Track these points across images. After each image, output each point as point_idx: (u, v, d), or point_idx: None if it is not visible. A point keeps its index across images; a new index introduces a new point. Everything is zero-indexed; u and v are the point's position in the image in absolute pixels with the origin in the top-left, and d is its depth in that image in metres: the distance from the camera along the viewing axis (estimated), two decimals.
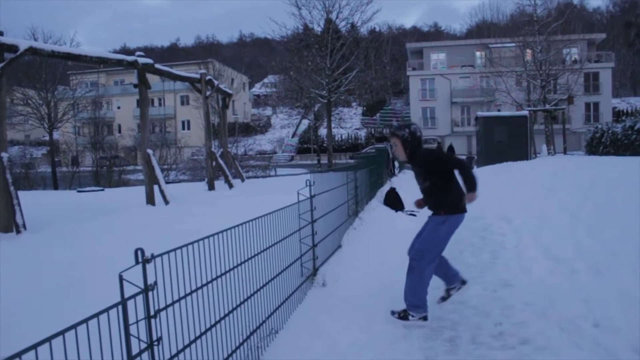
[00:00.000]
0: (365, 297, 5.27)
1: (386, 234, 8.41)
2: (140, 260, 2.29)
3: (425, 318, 4.63)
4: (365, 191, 10.15)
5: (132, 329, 2.27)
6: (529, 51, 34.03)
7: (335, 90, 28.14)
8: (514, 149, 21.93)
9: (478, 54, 50.81)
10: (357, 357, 3.95)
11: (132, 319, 2.28)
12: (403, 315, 4.65)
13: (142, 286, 2.34)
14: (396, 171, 17.93)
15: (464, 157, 33.62)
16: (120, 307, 2.22)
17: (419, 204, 5.01)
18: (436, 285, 5.75)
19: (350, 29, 31.36)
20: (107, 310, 2.13)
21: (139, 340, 2.32)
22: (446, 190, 4.71)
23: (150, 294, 2.39)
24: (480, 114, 25.39)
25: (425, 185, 4.80)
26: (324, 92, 27.90)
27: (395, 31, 79.91)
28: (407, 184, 15.45)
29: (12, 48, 9.67)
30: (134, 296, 2.30)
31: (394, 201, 10.71)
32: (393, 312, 4.71)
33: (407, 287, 4.67)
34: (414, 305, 4.61)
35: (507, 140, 22.69)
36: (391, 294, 5.44)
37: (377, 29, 62.67)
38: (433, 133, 49.83)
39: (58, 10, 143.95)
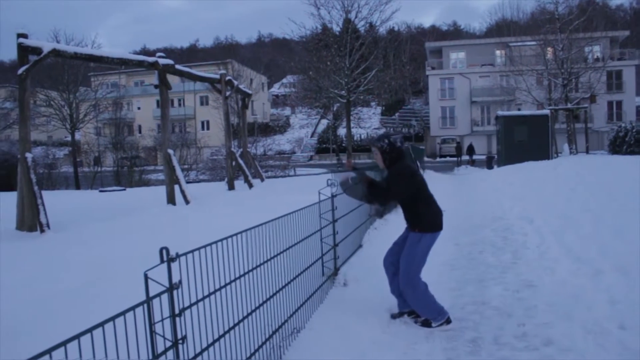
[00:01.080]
0: (386, 297, 5.24)
1: None
2: (165, 259, 2.30)
3: (448, 321, 4.58)
4: None
5: (157, 328, 2.28)
6: (550, 49, 33.64)
7: (355, 90, 28.07)
8: (535, 148, 21.70)
9: (498, 52, 50.38)
10: (379, 357, 3.94)
11: (154, 317, 2.29)
12: (424, 322, 4.61)
13: (167, 285, 2.36)
14: None
15: (483, 157, 33.38)
16: (145, 305, 2.24)
17: (349, 164, 4.99)
18: (453, 287, 5.73)
19: (369, 29, 31.26)
20: (133, 308, 2.14)
21: (164, 338, 2.34)
22: (416, 208, 4.66)
23: (174, 292, 2.41)
24: (500, 113, 25.17)
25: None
26: (343, 91, 27.86)
27: (414, 30, 79.68)
28: (427, 183, 15.38)
29: (36, 50, 9.81)
30: (159, 295, 2.31)
31: None
32: (416, 321, 4.66)
33: (415, 306, 4.63)
34: (432, 317, 4.58)
35: (528, 140, 22.47)
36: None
37: (396, 29, 62.54)
38: (452, 133, 49.54)
39: (79, 12, 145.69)
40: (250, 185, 16.81)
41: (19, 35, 9.71)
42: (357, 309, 4.78)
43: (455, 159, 38.91)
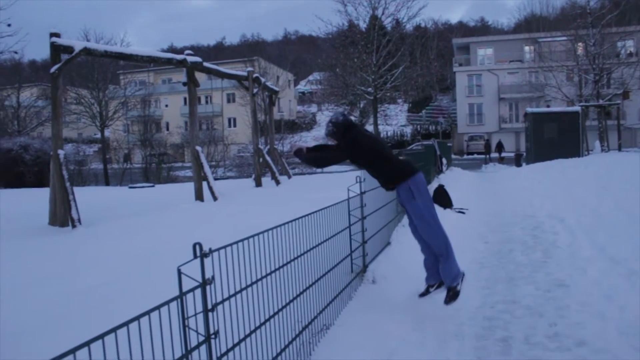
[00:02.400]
0: (415, 294, 5.22)
1: None
2: (198, 254, 2.32)
3: (463, 275, 4.70)
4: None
5: (188, 323, 2.30)
6: (581, 45, 33.06)
7: (382, 86, 28.00)
8: (565, 145, 21.39)
9: (527, 48, 49.62)
10: (408, 355, 3.92)
11: (187, 311, 2.31)
12: (453, 294, 4.64)
13: (200, 280, 2.37)
14: (444, 168, 17.71)
15: (512, 154, 32.98)
16: (178, 300, 2.26)
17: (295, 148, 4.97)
18: (483, 285, 5.68)
19: (396, 25, 31.14)
20: (167, 303, 2.16)
21: (197, 333, 2.36)
22: (382, 168, 4.72)
23: (207, 287, 2.42)
24: (529, 110, 24.85)
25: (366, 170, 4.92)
26: (370, 88, 27.80)
27: (441, 27, 78.81)
28: (455, 181, 15.25)
29: (68, 49, 9.98)
30: (192, 290, 2.33)
31: (442, 198, 10.54)
32: (446, 301, 4.69)
33: (447, 270, 4.66)
34: (453, 278, 4.62)
35: (557, 137, 22.16)
36: (441, 292, 5.38)
37: (423, 25, 62.07)
38: (480, 130, 48.99)
39: (108, 11, 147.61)
40: (278, 182, 16.87)
41: (52, 35, 9.88)
42: (386, 307, 4.77)
43: (483, 156, 38.53)
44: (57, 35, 9.92)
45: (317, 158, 4.81)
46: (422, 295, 5.00)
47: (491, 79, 50.14)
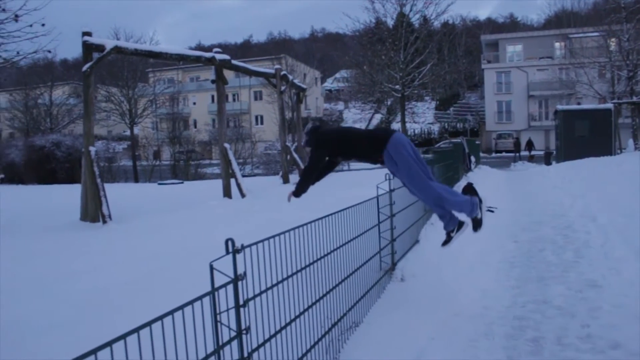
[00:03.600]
0: (444, 293, 5.18)
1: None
2: (230, 250, 2.33)
3: (479, 201, 4.78)
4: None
5: (219, 318, 2.31)
6: (614, 40, 32.37)
7: (409, 84, 27.84)
8: (597, 144, 20.98)
9: (557, 44, 48.84)
10: (437, 353, 3.88)
11: (219, 307, 2.32)
12: (476, 223, 4.78)
13: (232, 276, 2.38)
14: (472, 166, 17.54)
15: (541, 153, 32.51)
16: (210, 295, 2.26)
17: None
18: (513, 284, 5.60)
19: (423, 22, 30.94)
20: (200, 298, 2.17)
21: (229, 329, 2.37)
22: (361, 147, 4.73)
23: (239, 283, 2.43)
24: (560, 107, 24.44)
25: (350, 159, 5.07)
26: (398, 86, 27.66)
27: (470, 23, 77.97)
28: (483, 179, 15.10)
29: (100, 48, 10.13)
30: (224, 285, 2.34)
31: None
32: (475, 230, 4.86)
33: (455, 207, 4.69)
34: (470, 211, 4.67)
35: (589, 135, 21.75)
36: (470, 291, 5.33)
37: (451, 22, 61.49)
38: (509, 128, 48.41)
39: (137, 11, 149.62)
40: None
41: (84, 34, 10.05)
42: (415, 305, 4.74)
43: (512, 154, 38.05)
44: (89, 34, 10.08)
45: (302, 176, 5.02)
46: (445, 243, 4.94)
47: (520, 76, 49.46)
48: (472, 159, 17.58)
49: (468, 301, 4.95)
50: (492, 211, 10.08)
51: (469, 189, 9.66)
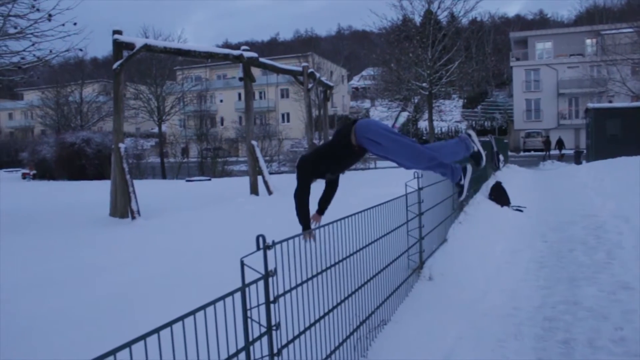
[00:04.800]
0: (472, 292, 5.15)
1: (492, 229, 8.18)
2: (261, 246, 2.34)
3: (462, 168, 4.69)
4: (470, 185, 9.88)
5: (248, 314, 2.32)
6: None
7: (437, 82, 27.63)
8: (630, 143, 20.51)
9: (588, 41, 47.90)
10: (466, 353, 3.86)
11: (250, 302, 2.33)
12: (459, 190, 4.77)
13: (263, 272, 2.39)
14: (501, 165, 17.33)
15: (571, 152, 31.97)
16: (241, 291, 2.28)
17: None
18: (542, 285, 5.53)
19: (451, 20, 30.68)
20: (231, 293, 2.18)
21: (260, 324, 2.38)
22: (335, 152, 4.88)
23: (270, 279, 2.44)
24: (591, 105, 23.98)
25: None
26: (425, 84, 27.48)
27: (498, 20, 77.02)
28: (512, 178, 14.92)
29: (130, 46, 10.26)
30: (255, 281, 2.35)
31: (499, 196, 10.37)
32: (477, 162, 4.93)
33: (451, 155, 4.71)
34: (453, 177, 4.65)
35: (621, 134, 21.31)
36: (499, 291, 5.28)
37: (479, 19, 60.82)
38: (538, 126, 47.66)
39: (165, 9, 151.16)
40: None
41: (114, 32, 10.18)
42: (443, 304, 4.71)
43: (541, 153, 37.49)
44: (119, 32, 10.21)
45: (297, 205, 5.16)
46: (460, 194, 4.88)
47: (550, 74, 48.64)
48: (501, 157, 17.35)
49: (497, 301, 4.90)
50: (520, 211, 9.97)
51: (497, 188, 9.60)
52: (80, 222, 9.72)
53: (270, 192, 12.65)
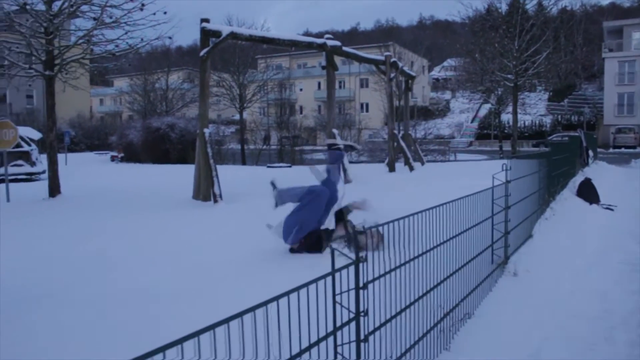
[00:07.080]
0: (559, 291, 4.96)
1: (580, 227, 7.85)
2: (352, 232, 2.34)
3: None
4: (557, 180, 9.52)
5: (340, 299, 2.34)
6: None
7: (523, 73, 26.69)
8: None
9: None
10: (553, 354, 3.72)
11: (341, 288, 2.35)
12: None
13: (354, 258, 2.40)
14: (590, 161, 16.59)
15: None
16: (330, 277, 2.29)
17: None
18: (636, 289, 5.25)
19: (538, 9, 29.51)
20: (323, 277, 2.19)
21: (349, 310, 2.39)
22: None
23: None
24: None
25: None
26: (510, 75, 26.62)
27: (590, 9, 73.22)
28: (601, 175, 14.25)
29: (216, 34, 10.52)
30: (346, 267, 2.35)
31: (588, 193, 9.94)
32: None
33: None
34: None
35: None
36: (588, 292, 5.06)
37: (569, 7, 58.11)
38: (630, 122, 45.05)
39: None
40: (411, 168, 16.72)
41: (202, 20, 10.46)
42: (529, 301, 4.57)
43: (633, 150, 35.50)
44: (207, 20, 10.48)
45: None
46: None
47: None
48: (590, 153, 16.62)
49: (586, 303, 4.70)
50: (611, 209, 9.52)
51: (586, 185, 9.22)
52: (167, 204, 10.13)
53: (348, 181, 12.67)
